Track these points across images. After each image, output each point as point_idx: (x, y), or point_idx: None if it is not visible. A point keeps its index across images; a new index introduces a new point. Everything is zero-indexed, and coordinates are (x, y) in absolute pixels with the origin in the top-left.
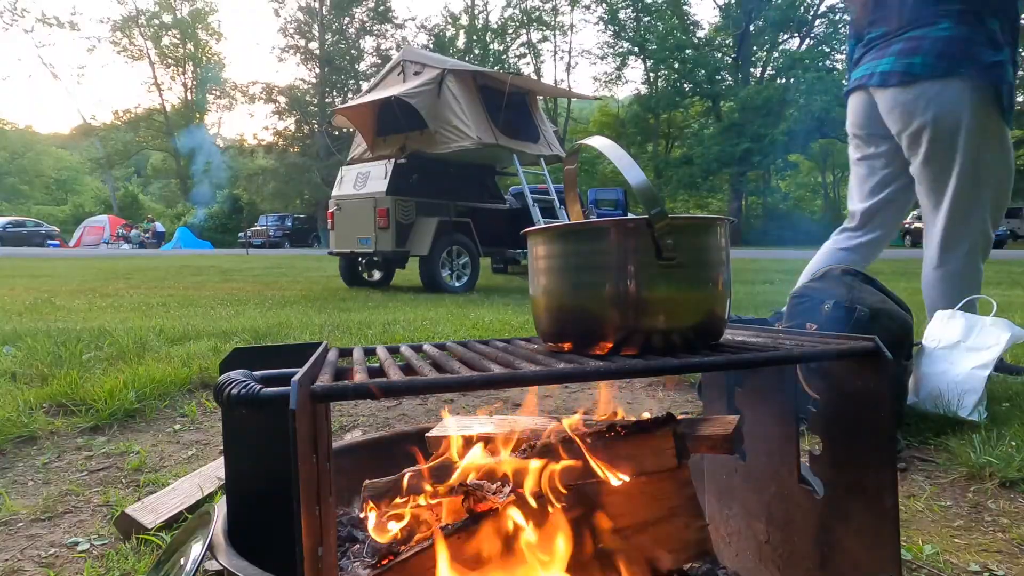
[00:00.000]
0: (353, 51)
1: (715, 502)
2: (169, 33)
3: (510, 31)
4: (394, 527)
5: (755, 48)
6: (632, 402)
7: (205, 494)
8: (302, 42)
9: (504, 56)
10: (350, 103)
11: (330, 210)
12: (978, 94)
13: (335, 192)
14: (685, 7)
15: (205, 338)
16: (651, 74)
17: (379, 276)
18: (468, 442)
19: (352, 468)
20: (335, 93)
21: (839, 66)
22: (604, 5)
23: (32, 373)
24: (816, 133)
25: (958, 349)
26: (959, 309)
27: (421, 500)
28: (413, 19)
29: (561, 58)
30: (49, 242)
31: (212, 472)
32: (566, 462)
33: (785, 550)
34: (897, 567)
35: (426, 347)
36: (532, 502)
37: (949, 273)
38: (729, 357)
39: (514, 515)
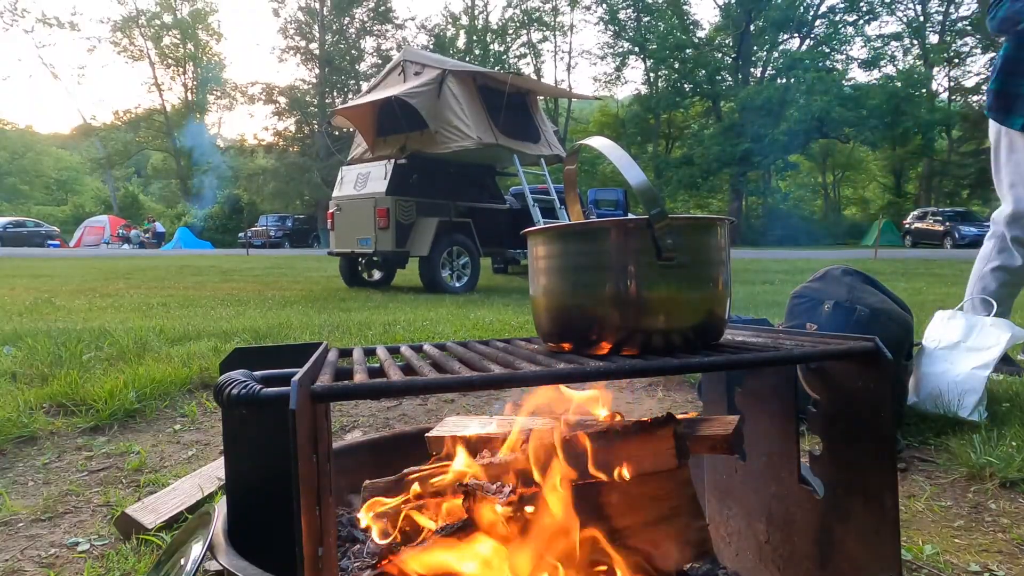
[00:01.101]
0: (353, 51)
1: (715, 502)
2: (169, 33)
3: (510, 31)
4: (394, 528)
5: (755, 48)
6: (632, 402)
7: (205, 494)
8: (302, 42)
9: (504, 56)
10: (350, 103)
11: (330, 210)
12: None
13: (335, 192)
14: (685, 7)
15: (205, 338)
16: (651, 74)
17: (379, 276)
18: (468, 442)
19: (352, 468)
20: (335, 93)
21: (839, 66)
22: (604, 5)
23: (32, 373)
24: (816, 133)
25: (958, 349)
26: (964, 306)
27: (421, 500)
28: (413, 19)
29: (561, 58)
30: (49, 242)
31: (212, 472)
32: (566, 462)
33: (785, 550)
34: (897, 567)
35: (426, 347)
36: (531, 502)
37: (983, 254)
38: (729, 357)
39: (513, 515)
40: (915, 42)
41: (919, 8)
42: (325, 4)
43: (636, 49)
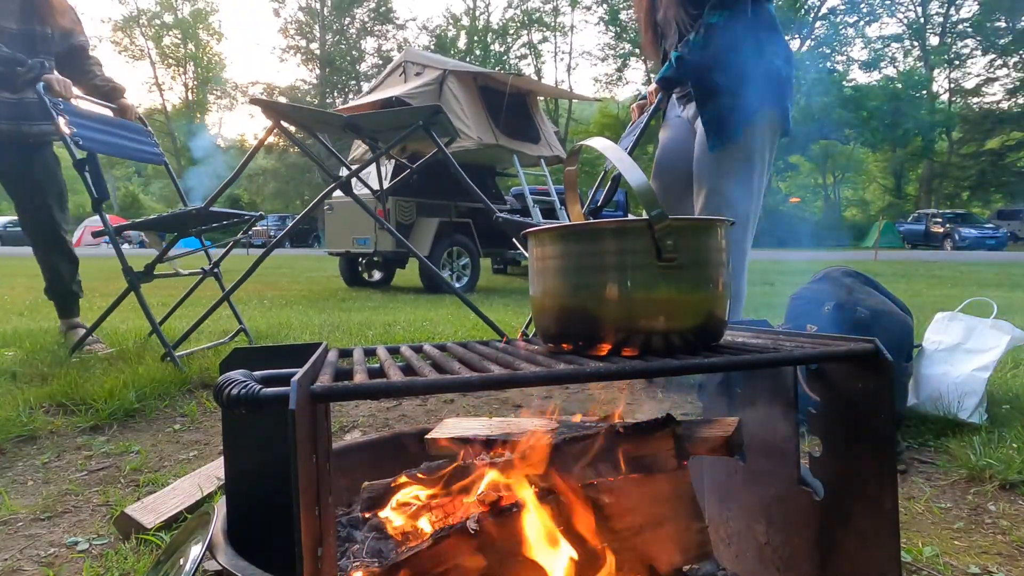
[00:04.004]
0: (354, 52)
1: (715, 504)
2: (170, 33)
3: (511, 32)
4: (393, 528)
5: None
6: (632, 403)
7: (205, 494)
8: (303, 43)
9: (505, 57)
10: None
11: (324, 209)
12: None
13: (336, 192)
14: None
15: (205, 338)
16: (651, 75)
17: (379, 276)
18: (467, 444)
19: (352, 468)
20: (336, 94)
21: (839, 68)
22: (605, 6)
23: (32, 372)
24: (816, 134)
25: (958, 351)
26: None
27: (420, 502)
28: (414, 20)
29: (562, 59)
30: None
31: (212, 472)
32: (566, 464)
33: (785, 552)
34: (897, 569)
35: (426, 348)
36: (531, 504)
37: None
38: (729, 359)
39: (512, 517)
40: (915, 44)
41: (919, 10)
42: (326, 4)
43: (637, 50)
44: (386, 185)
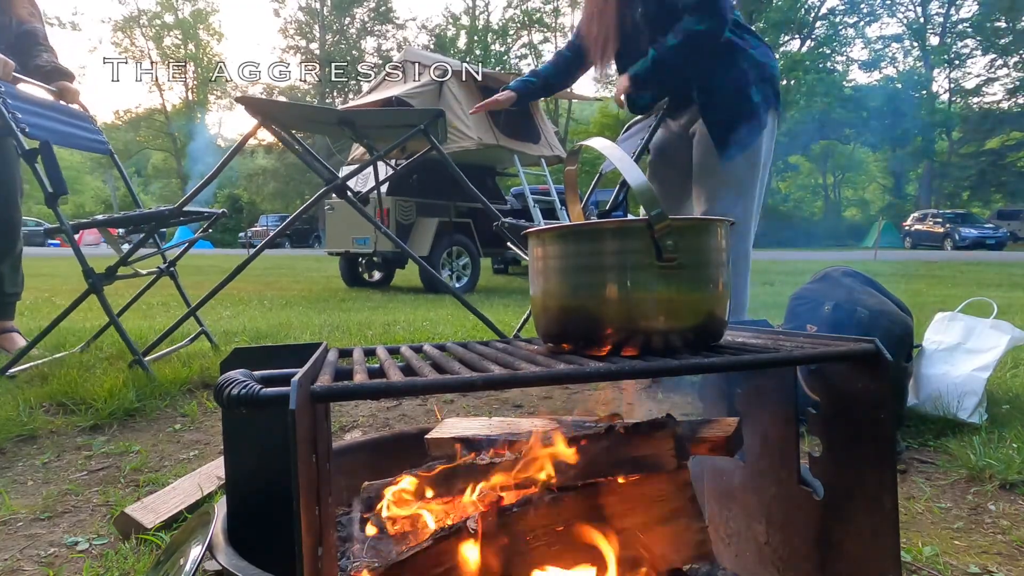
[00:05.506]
0: (354, 51)
1: (715, 504)
2: (171, 33)
3: (511, 32)
4: (393, 528)
5: None
6: (632, 403)
7: (205, 494)
8: (303, 42)
9: (505, 57)
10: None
11: (325, 209)
12: None
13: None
14: None
15: (205, 338)
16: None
17: (379, 276)
18: (467, 443)
19: (352, 468)
20: (335, 93)
21: (839, 68)
22: None
23: (32, 372)
24: (817, 135)
25: (958, 351)
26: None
27: (420, 502)
28: (414, 19)
29: None
30: (49, 241)
31: (212, 472)
32: (565, 464)
33: (785, 552)
34: (897, 569)
35: (426, 348)
36: (531, 504)
37: None
38: (729, 359)
39: (512, 517)
40: (915, 44)
41: (919, 10)
42: (325, 4)
43: None
44: (386, 185)
